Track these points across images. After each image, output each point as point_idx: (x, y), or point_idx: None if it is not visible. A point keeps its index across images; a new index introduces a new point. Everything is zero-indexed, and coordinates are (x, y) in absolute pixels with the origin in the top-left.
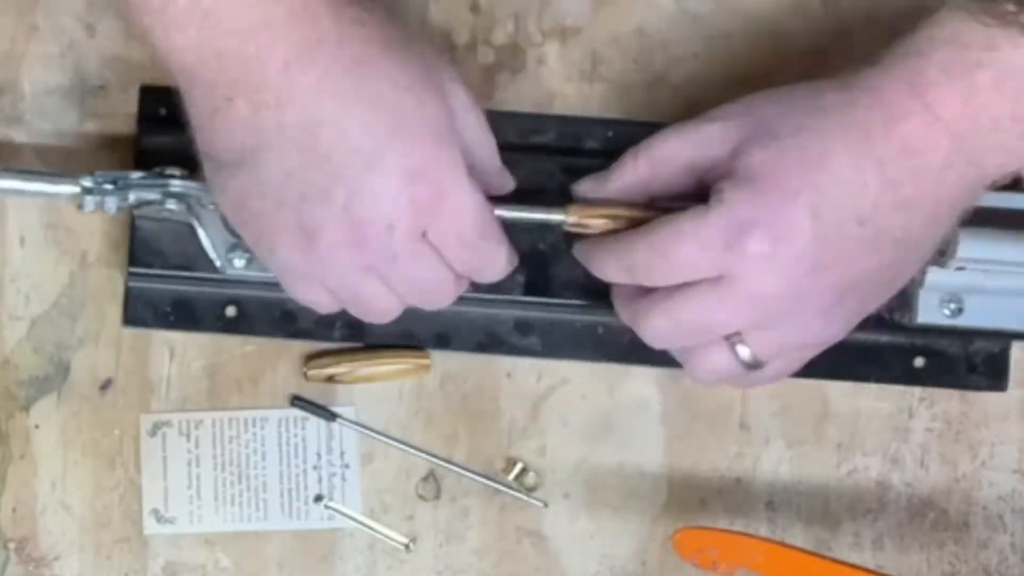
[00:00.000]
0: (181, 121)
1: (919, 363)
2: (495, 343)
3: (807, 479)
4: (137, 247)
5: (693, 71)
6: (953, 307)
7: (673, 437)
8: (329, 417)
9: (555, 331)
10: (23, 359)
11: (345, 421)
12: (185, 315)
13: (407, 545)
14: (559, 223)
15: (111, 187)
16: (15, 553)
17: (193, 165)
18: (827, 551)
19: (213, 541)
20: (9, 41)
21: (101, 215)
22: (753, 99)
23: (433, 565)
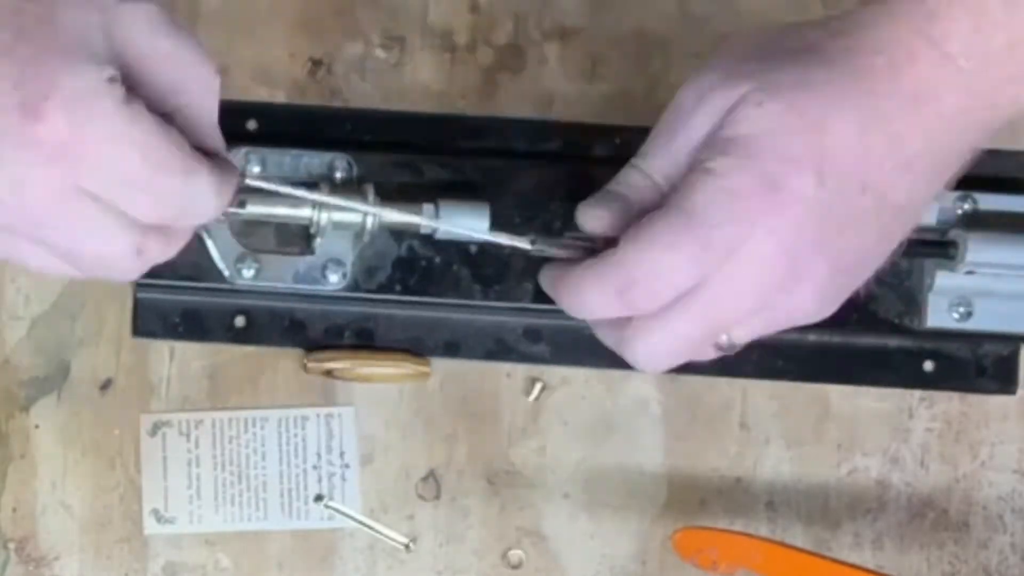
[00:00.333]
0: None
1: (928, 367)
2: (504, 351)
3: (807, 479)
4: None
5: (693, 71)
6: (962, 311)
7: (673, 437)
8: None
9: (564, 338)
10: (23, 359)
11: None
12: (194, 325)
13: (407, 545)
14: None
15: None
16: (15, 553)
17: None
18: (827, 551)
19: (213, 541)
20: None
21: None
22: (744, 45)
23: (433, 565)
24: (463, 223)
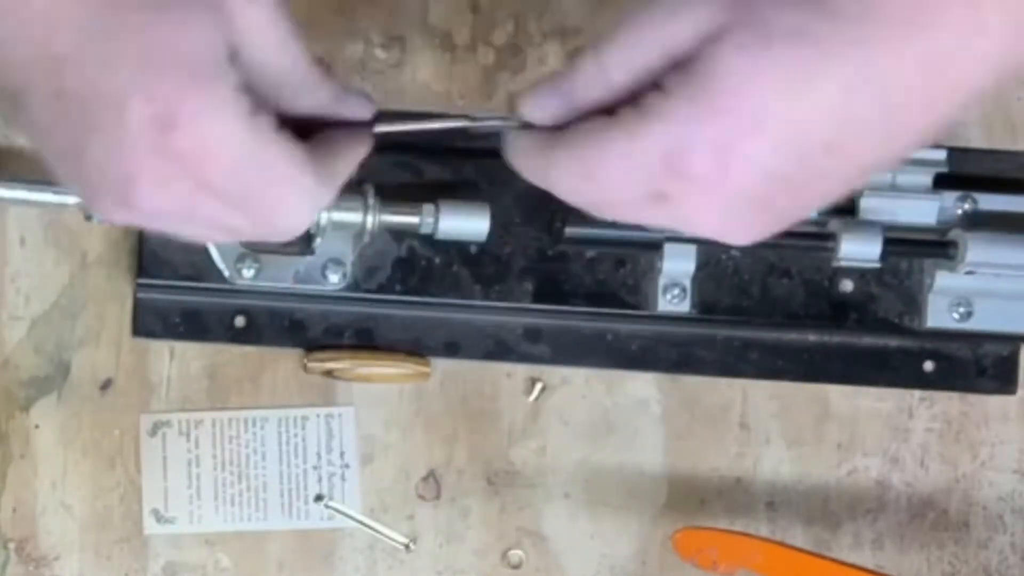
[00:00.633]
0: None
1: (928, 367)
2: (504, 351)
3: (807, 479)
4: (146, 257)
5: None
6: (962, 311)
7: (673, 437)
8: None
9: (564, 338)
10: (23, 359)
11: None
12: (194, 325)
13: (407, 545)
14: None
15: None
16: (15, 553)
17: None
18: (827, 551)
19: (213, 541)
20: None
21: None
22: None
23: (433, 565)
24: (463, 223)
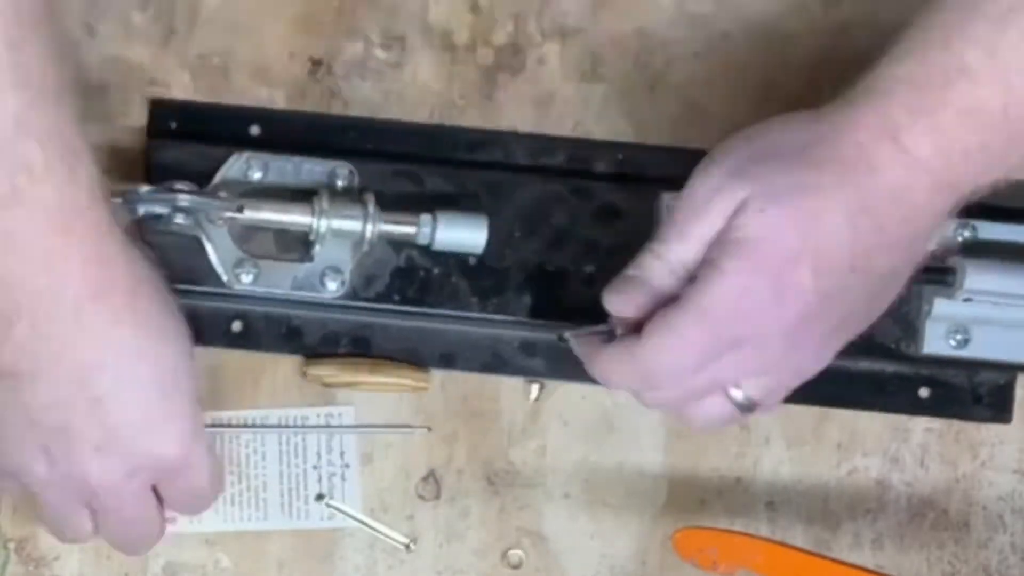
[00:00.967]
0: (191, 135)
1: (924, 393)
2: (500, 364)
3: (807, 479)
4: None
5: (693, 71)
6: (959, 338)
7: (673, 437)
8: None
9: (560, 353)
10: None
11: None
12: (191, 329)
13: (407, 545)
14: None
15: (119, 200)
16: (15, 553)
17: (202, 180)
18: (827, 551)
19: (213, 541)
20: None
21: None
22: (744, 146)
23: (433, 565)
24: (460, 235)
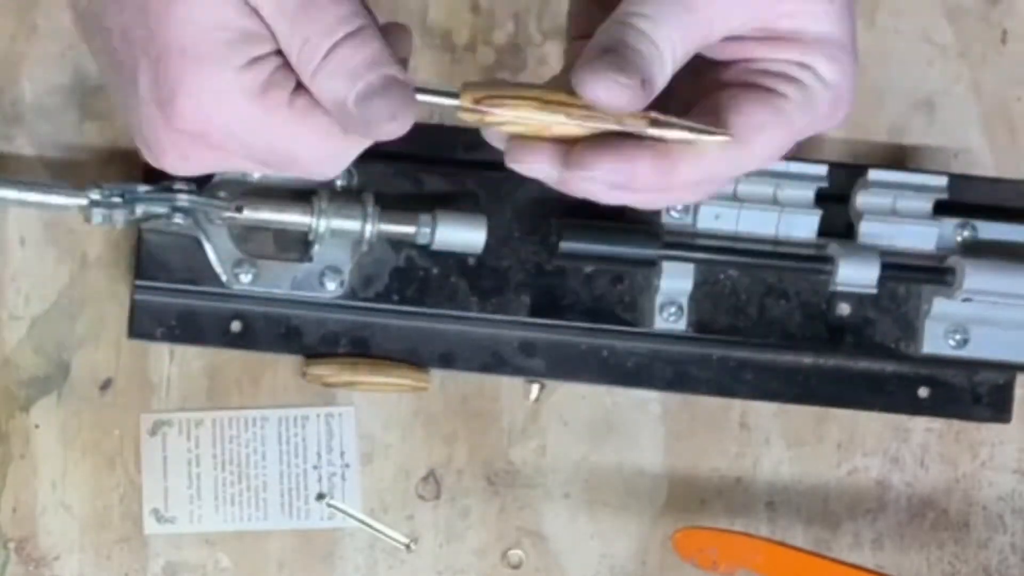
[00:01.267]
0: None
1: (923, 393)
2: (499, 363)
3: (807, 479)
4: (144, 260)
5: None
6: (959, 338)
7: (673, 437)
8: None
9: (559, 353)
10: (23, 359)
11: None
12: (190, 329)
13: (408, 545)
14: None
15: (119, 200)
16: (15, 553)
17: (201, 180)
18: (827, 551)
19: (213, 541)
20: (9, 41)
21: None
22: None
23: (433, 565)
24: (459, 234)
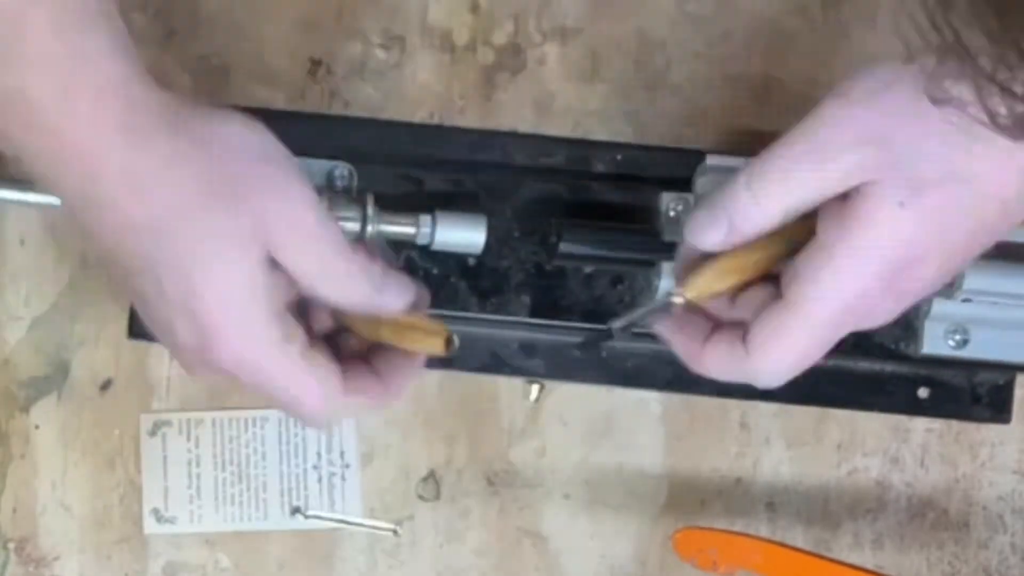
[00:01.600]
0: None
1: (923, 394)
2: (499, 364)
3: (807, 479)
4: None
5: (693, 71)
6: (959, 338)
7: (673, 437)
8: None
9: (559, 353)
10: (23, 359)
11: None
12: None
13: (395, 531)
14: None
15: None
16: (15, 553)
17: None
18: (827, 551)
19: (213, 541)
20: None
21: None
22: (880, 100)
23: (433, 565)
24: (459, 234)
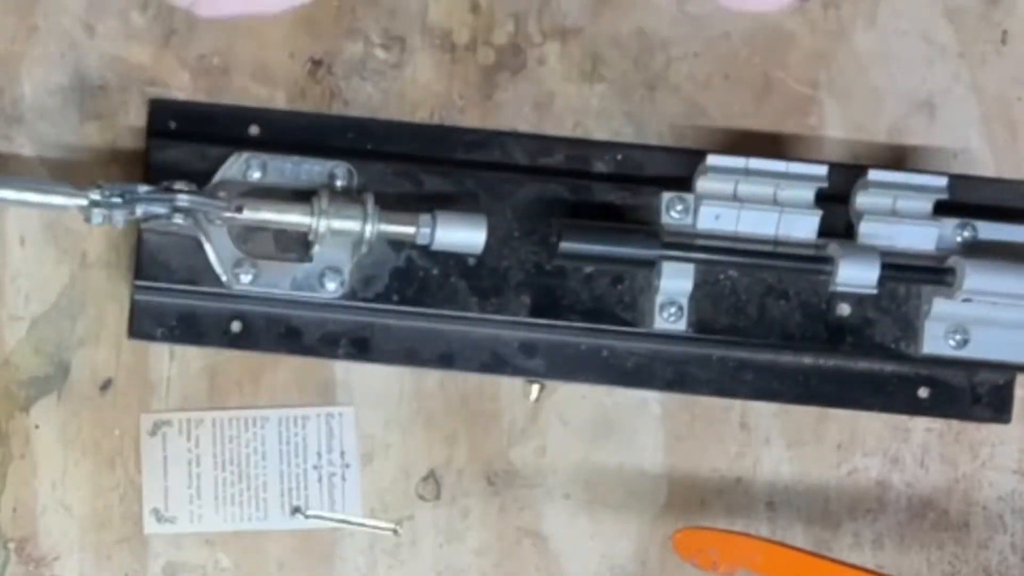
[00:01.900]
0: (190, 135)
1: (923, 393)
2: (499, 364)
3: (807, 479)
4: (144, 260)
5: (693, 71)
6: (959, 338)
7: (673, 437)
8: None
9: (559, 353)
10: (23, 359)
11: None
12: (190, 329)
13: (395, 530)
14: None
15: (119, 200)
16: (15, 553)
17: (201, 180)
18: (827, 551)
19: (213, 541)
20: (9, 41)
21: None
22: None
23: (433, 565)
24: (459, 234)
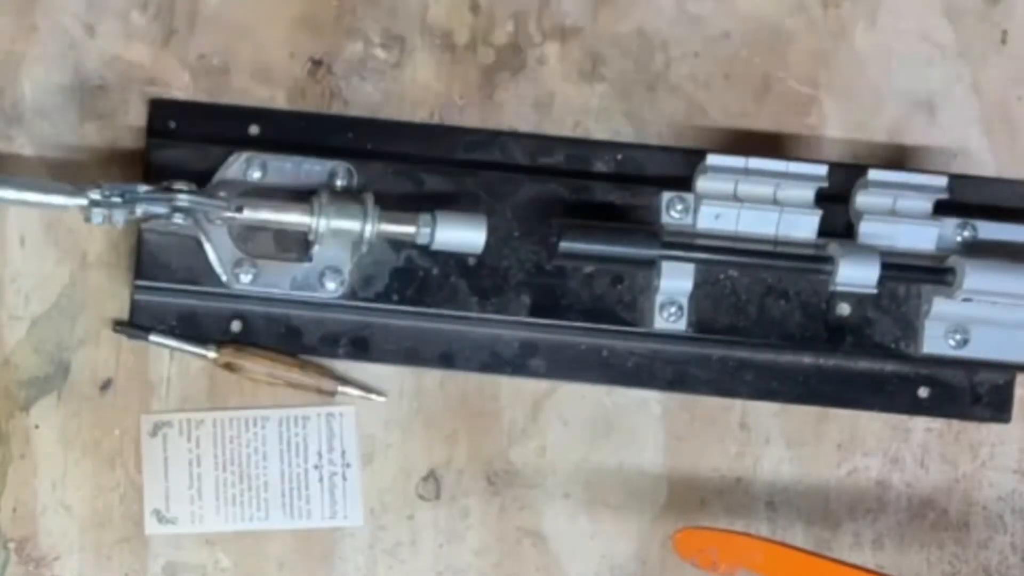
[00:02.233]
0: (190, 135)
1: (923, 393)
2: (500, 364)
3: (807, 479)
4: (144, 260)
5: (693, 71)
6: (959, 338)
7: (673, 437)
8: None
9: (560, 353)
10: (23, 359)
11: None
12: (190, 329)
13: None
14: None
15: (119, 200)
16: (15, 553)
17: (201, 180)
18: (827, 551)
19: (213, 541)
20: (9, 41)
21: None
22: None
23: (433, 565)
24: (459, 234)
